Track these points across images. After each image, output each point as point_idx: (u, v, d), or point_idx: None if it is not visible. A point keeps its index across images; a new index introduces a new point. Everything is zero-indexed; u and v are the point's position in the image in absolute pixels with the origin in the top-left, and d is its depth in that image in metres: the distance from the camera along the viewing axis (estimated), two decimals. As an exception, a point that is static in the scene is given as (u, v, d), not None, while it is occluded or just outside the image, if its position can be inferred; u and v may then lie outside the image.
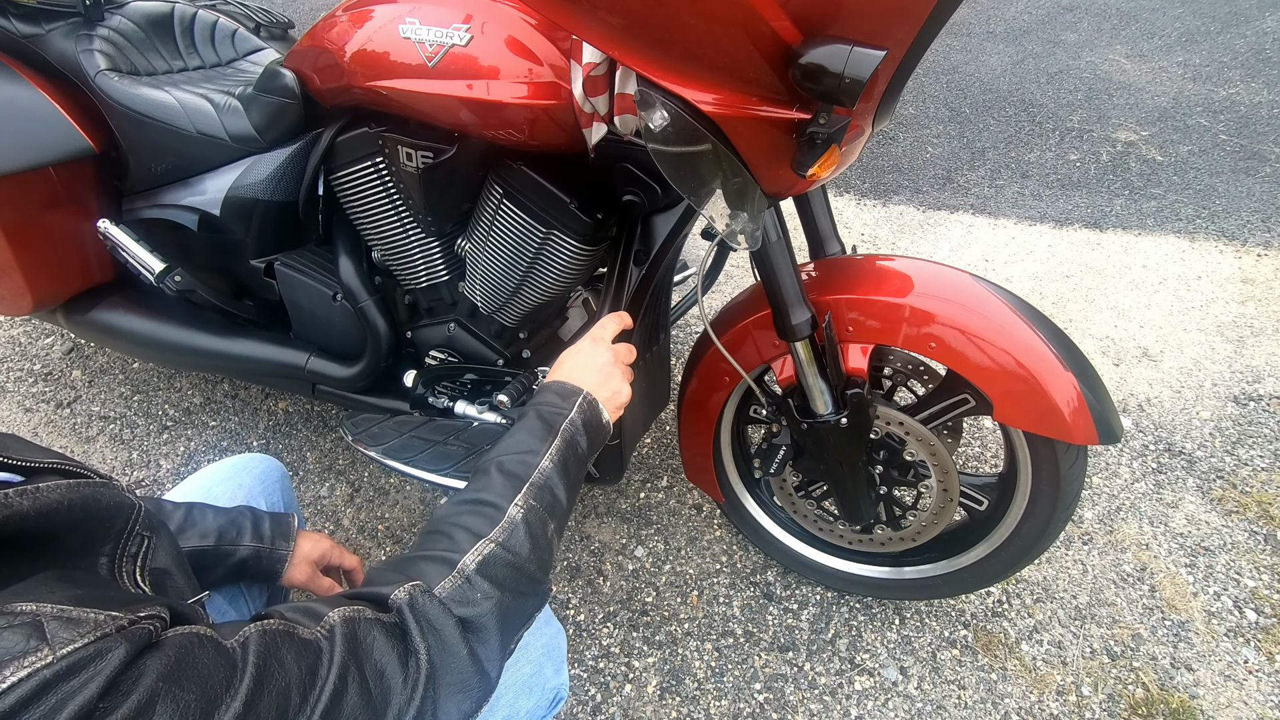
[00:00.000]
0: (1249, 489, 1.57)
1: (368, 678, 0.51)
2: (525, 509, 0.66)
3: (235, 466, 1.01)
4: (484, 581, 0.60)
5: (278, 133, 1.26)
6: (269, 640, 0.48)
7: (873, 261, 1.13)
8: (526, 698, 0.82)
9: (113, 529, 0.54)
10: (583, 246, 1.10)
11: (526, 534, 0.64)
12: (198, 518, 0.84)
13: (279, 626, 0.50)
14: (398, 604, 0.56)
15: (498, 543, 0.63)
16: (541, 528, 0.67)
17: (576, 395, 0.78)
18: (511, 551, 0.63)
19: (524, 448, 0.71)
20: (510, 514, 0.65)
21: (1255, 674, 1.27)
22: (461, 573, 0.59)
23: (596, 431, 0.78)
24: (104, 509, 0.53)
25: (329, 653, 0.50)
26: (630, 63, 0.74)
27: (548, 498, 0.69)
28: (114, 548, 0.54)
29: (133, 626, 0.41)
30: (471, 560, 0.60)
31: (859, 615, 1.39)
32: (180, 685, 0.40)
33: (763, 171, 0.80)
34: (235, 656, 0.45)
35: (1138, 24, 3.72)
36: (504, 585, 0.61)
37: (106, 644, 0.38)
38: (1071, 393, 0.97)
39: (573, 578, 1.48)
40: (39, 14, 1.34)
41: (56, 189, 1.35)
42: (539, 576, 0.66)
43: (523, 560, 0.63)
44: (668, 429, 1.77)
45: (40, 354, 2.03)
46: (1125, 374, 1.86)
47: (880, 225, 2.50)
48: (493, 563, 0.61)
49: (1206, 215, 2.41)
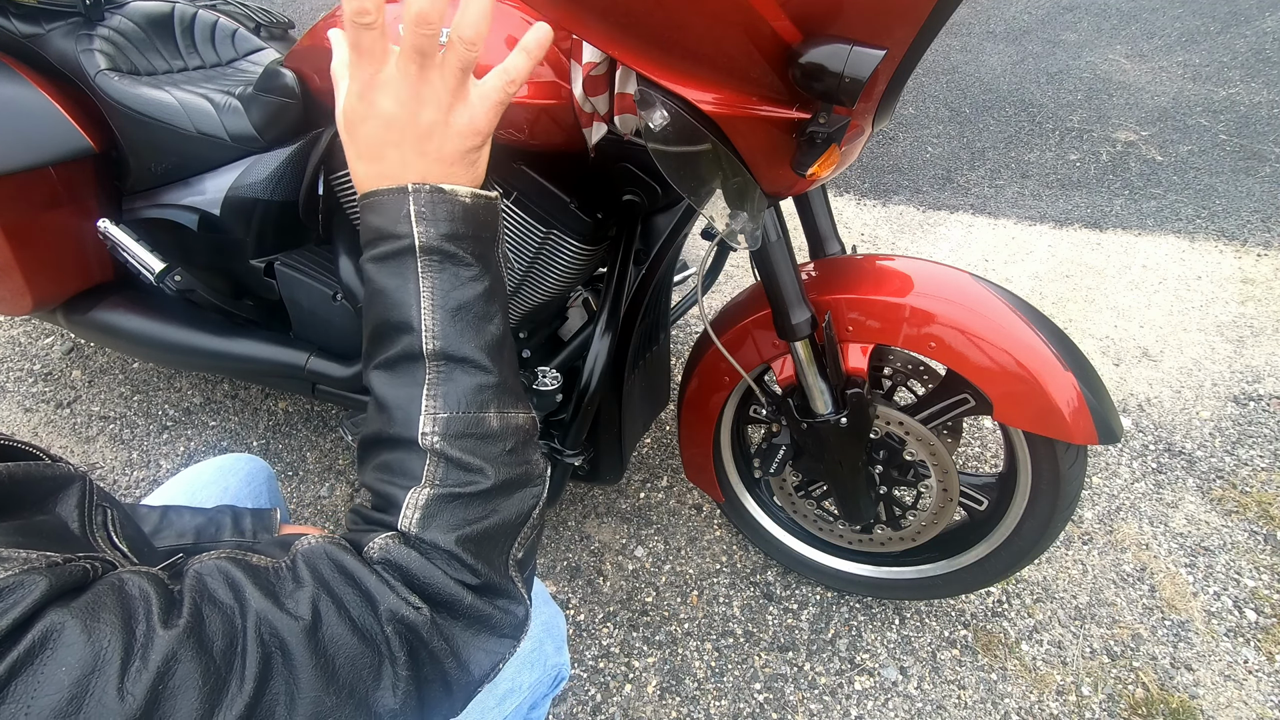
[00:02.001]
0: (1249, 489, 1.57)
1: (349, 605, 0.43)
2: (440, 428, 0.48)
3: (219, 469, 0.98)
4: (437, 533, 0.47)
5: (278, 132, 1.26)
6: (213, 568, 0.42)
7: (873, 261, 1.13)
8: (529, 671, 0.81)
9: (72, 497, 0.48)
10: (583, 246, 1.10)
11: (460, 453, 0.48)
12: (174, 518, 0.79)
13: (227, 554, 0.44)
14: (373, 554, 0.47)
15: (429, 485, 0.48)
16: (475, 429, 0.49)
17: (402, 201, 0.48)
18: (450, 485, 0.48)
19: (394, 330, 0.49)
20: (425, 445, 0.48)
21: (1255, 674, 1.27)
22: (407, 537, 0.47)
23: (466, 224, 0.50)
24: (50, 480, 0.48)
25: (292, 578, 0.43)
26: (630, 62, 0.74)
27: (461, 388, 0.49)
28: (80, 514, 0.48)
29: (66, 564, 0.37)
30: (409, 520, 0.47)
31: (859, 615, 1.39)
32: (97, 617, 0.35)
33: (763, 171, 0.80)
34: (174, 590, 0.40)
35: (1138, 24, 3.72)
36: (464, 520, 0.48)
37: (27, 577, 0.34)
38: (1071, 393, 0.97)
39: (573, 578, 1.48)
40: (39, 14, 1.34)
41: (56, 189, 1.35)
42: (508, 480, 0.50)
43: (471, 486, 0.48)
44: (668, 429, 1.77)
45: (40, 354, 2.03)
46: (1125, 374, 1.86)
47: (880, 225, 2.50)
48: (435, 510, 0.48)
49: (1206, 215, 2.41)
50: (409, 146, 0.49)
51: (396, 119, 0.48)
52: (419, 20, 0.45)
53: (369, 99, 0.48)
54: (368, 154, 0.49)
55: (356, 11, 0.45)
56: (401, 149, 0.49)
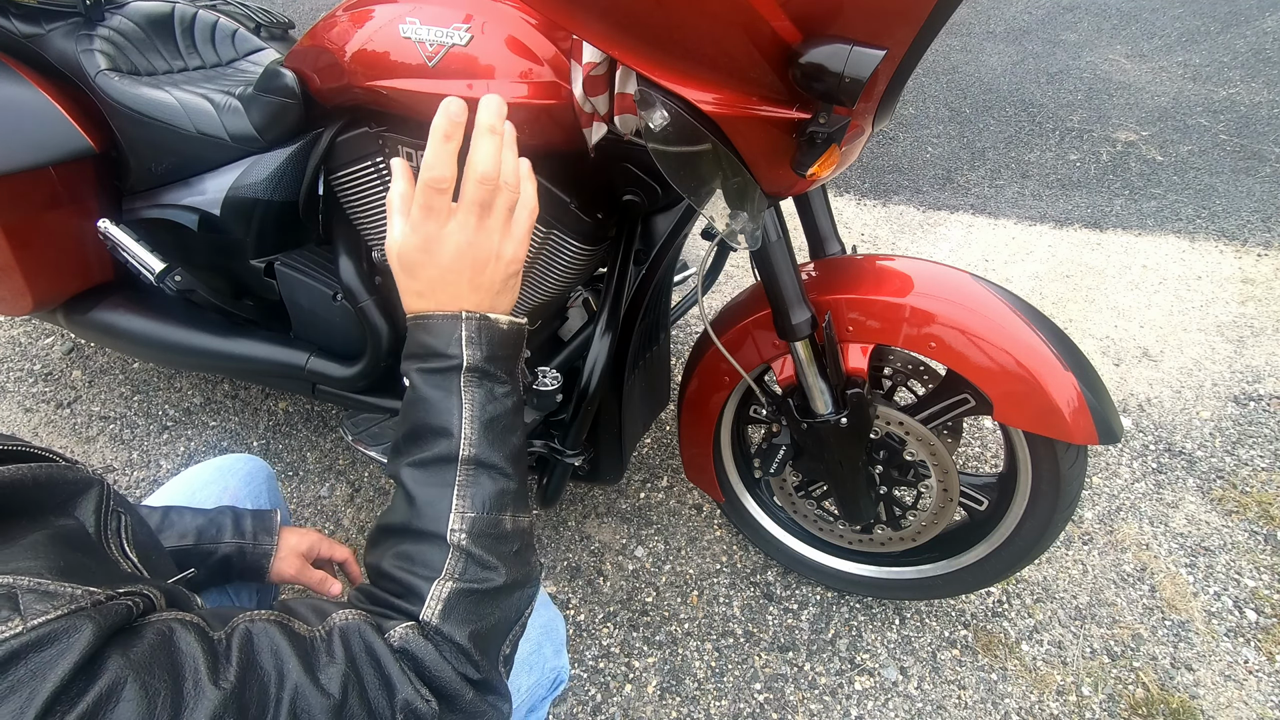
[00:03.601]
0: (1249, 489, 1.57)
1: (369, 690, 0.47)
2: (467, 526, 0.54)
3: (219, 469, 0.99)
4: (454, 627, 0.52)
5: (278, 133, 1.26)
6: (260, 630, 0.45)
7: (873, 261, 1.13)
8: (526, 675, 0.81)
9: (89, 501, 0.51)
10: (583, 246, 1.10)
11: (481, 551, 0.55)
12: (175, 519, 0.81)
13: (273, 618, 0.47)
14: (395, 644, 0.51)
15: (452, 579, 0.53)
16: (494, 530, 0.56)
17: (454, 326, 0.56)
18: (471, 581, 0.54)
19: (433, 435, 0.56)
20: (451, 541, 0.54)
21: (1255, 674, 1.27)
22: (428, 627, 0.52)
23: (504, 343, 0.58)
24: (71, 483, 0.51)
25: (326, 652, 0.47)
26: (630, 62, 0.74)
27: (486, 492, 0.55)
28: (96, 520, 0.51)
29: (110, 602, 0.40)
30: (432, 612, 0.52)
31: (859, 615, 1.39)
32: (152, 673, 0.38)
33: (763, 171, 0.80)
34: (220, 647, 0.43)
35: (1138, 24, 3.72)
36: (477, 616, 0.54)
37: (75, 620, 0.37)
38: (1071, 393, 0.97)
39: (573, 578, 1.48)
40: (39, 14, 1.34)
41: (56, 189, 1.35)
42: (515, 579, 0.57)
43: (488, 584, 0.55)
44: (668, 429, 1.77)
45: (40, 354, 2.03)
46: (1125, 374, 1.86)
47: (880, 225, 2.50)
48: (456, 603, 0.53)
49: (1206, 215, 2.41)
50: (464, 282, 0.56)
51: (455, 264, 0.56)
52: (483, 179, 0.54)
53: (432, 250, 0.56)
54: (427, 292, 0.57)
55: (435, 179, 0.53)
56: (457, 285, 0.56)
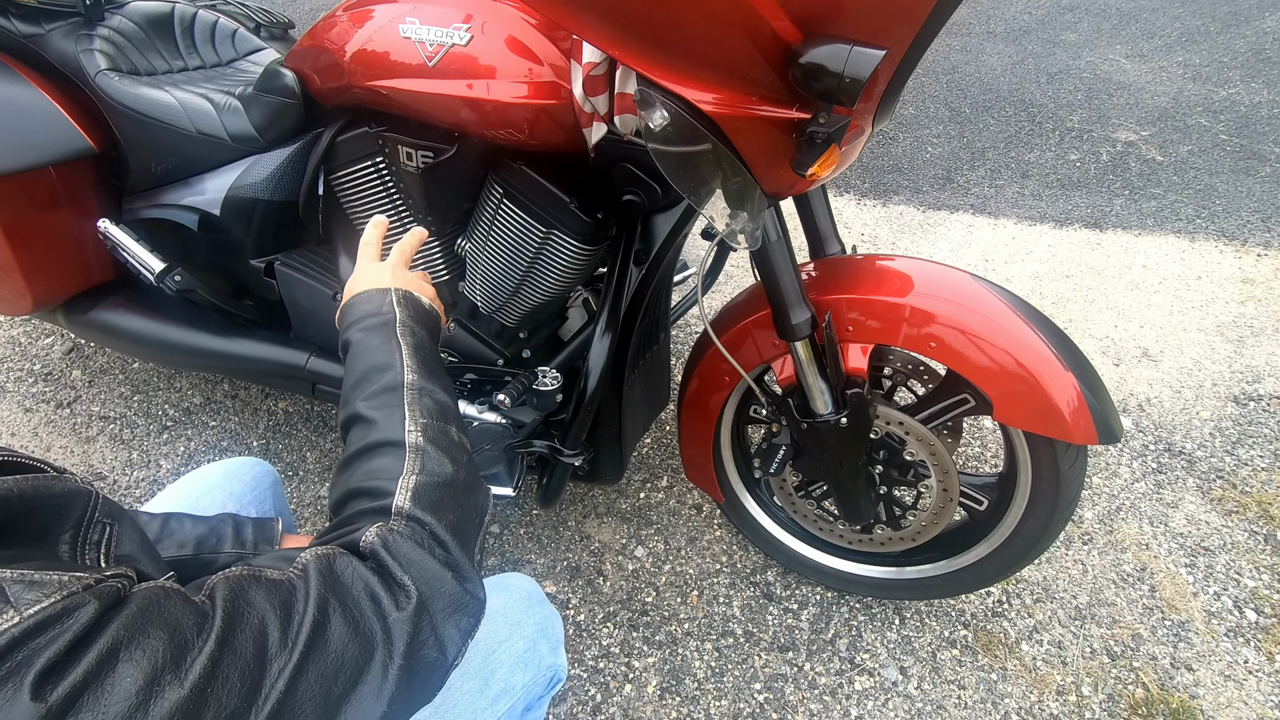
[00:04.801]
0: (1249, 489, 1.57)
1: (350, 608, 0.49)
2: (420, 429, 0.64)
3: (225, 473, 0.99)
4: (425, 512, 0.58)
5: (278, 133, 1.26)
6: (235, 585, 0.47)
7: (873, 261, 1.13)
8: (522, 672, 0.81)
9: (71, 516, 0.53)
10: (583, 246, 1.10)
11: (436, 450, 0.63)
12: (175, 527, 0.81)
13: (245, 572, 0.49)
14: (370, 545, 0.55)
15: (415, 473, 0.61)
16: (444, 437, 0.65)
17: (384, 295, 0.75)
18: (432, 474, 0.61)
19: (377, 372, 0.68)
20: (409, 442, 0.63)
21: (1255, 674, 1.27)
22: (400, 513, 0.58)
23: (426, 316, 0.77)
24: (57, 496, 0.52)
25: (304, 589, 0.49)
26: (630, 62, 0.74)
27: (431, 405, 0.67)
28: (74, 534, 0.53)
29: (100, 584, 0.40)
30: (403, 499, 0.59)
31: (859, 615, 1.39)
32: (146, 634, 0.40)
33: (763, 171, 0.80)
34: (205, 606, 0.44)
35: (1138, 24, 3.72)
36: (444, 505, 0.60)
37: (75, 600, 0.38)
38: (1071, 393, 0.97)
39: (573, 578, 1.48)
40: (39, 14, 1.35)
41: (56, 189, 1.35)
42: (470, 480, 0.65)
43: (447, 477, 0.62)
44: (668, 429, 1.77)
45: (40, 354, 2.03)
46: (1125, 374, 1.86)
47: (880, 225, 2.50)
48: (422, 492, 0.60)
49: (1206, 215, 2.41)
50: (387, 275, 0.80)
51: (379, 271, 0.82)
52: None
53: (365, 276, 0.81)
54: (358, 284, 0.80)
55: None
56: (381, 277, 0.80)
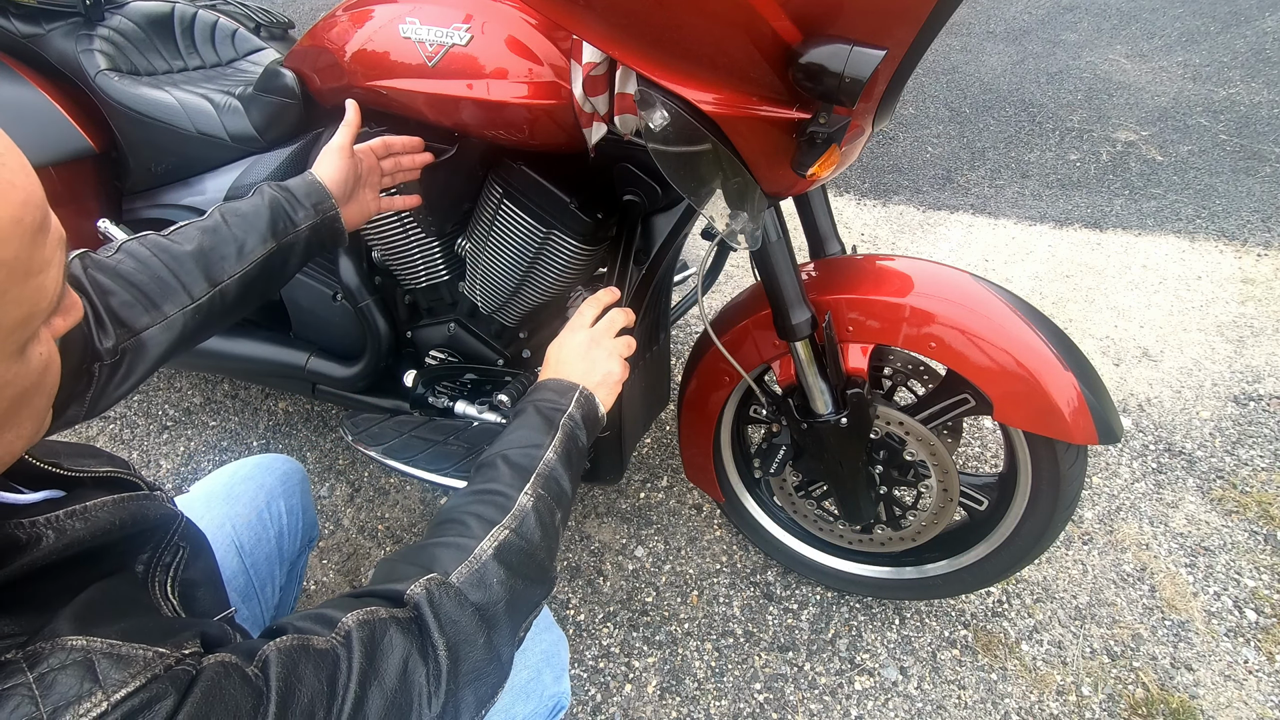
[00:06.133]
0: (1249, 489, 1.57)
1: (387, 682, 0.51)
2: (535, 497, 0.67)
3: (259, 466, 1.03)
4: (499, 567, 0.61)
5: (278, 133, 1.26)
6: (287, 659, 0.49)
7: (873, 261, 1.13)
8: (523, 703, 0.82)
9: (152, 539, 0.57)
10: (583, 246, 1.10)
11: (537, 521, 0.66)
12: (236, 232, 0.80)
13: (294, 643, 0.50)
14: (414, 599, 0.56)
15: (511, 529, 0.64)
16: (550, 516, 0.68)
17: (573, 391, 0.79)
18: (524, 538, 0.64)
19: (527, 442, 0.73)
20: (521, 502, 0.66)
21: (1255, 674, 1.27)
22: (478, 558, 0.60)
23: (594, 424, 0.81)
24: (150, 522, 0.56)
25: (347, 661, 0.51)
26: (630, 62, 0.74)
27: (554, 488, 0.70)
28: (151, 555, 0.56)
29: (178, 666, 0.43)
30: (488, 545, 0.62)
31: (859, 615, 1.39)
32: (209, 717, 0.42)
33: (763, 171, 0.80)
34: (259, 683, 0.46)
35: (1138, 24, 3.72)
36: (517, 571, 0.62)
37: (156, 689, 0.40)
38: (1071, 393, 0.97)
39: (573, 578, 1.48)
40: (39, 14, 1.35)
41: (57, 189, 1.35)
42: (547, 565, 0.67)
43: (534, 547, 0.65)
44: (668, 429, 1.77)
45: (40, 354, 2.03)
46: (1125, 374, 1.86)
47: (880, 225, 2.50)
48: (507, 549, 0.62)
49: (1206, 215, 2.41)
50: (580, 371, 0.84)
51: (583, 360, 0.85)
52: None
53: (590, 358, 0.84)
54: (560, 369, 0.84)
55: None
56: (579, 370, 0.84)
